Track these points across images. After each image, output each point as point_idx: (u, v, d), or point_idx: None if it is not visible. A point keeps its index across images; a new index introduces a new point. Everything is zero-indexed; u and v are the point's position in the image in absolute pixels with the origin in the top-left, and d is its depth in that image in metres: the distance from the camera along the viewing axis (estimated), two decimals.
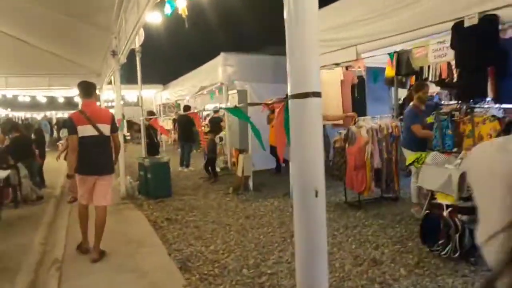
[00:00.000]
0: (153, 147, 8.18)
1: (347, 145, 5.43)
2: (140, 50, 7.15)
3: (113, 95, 17.00)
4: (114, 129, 4.26)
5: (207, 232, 4.90)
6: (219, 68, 9.44)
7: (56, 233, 5.29)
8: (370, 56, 4.95)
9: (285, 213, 5.61)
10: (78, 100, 14.84)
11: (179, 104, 16.48)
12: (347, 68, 6.89)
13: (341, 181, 5.73)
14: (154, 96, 17.95)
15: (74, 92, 14.57)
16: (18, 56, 10.30)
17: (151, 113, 10.74)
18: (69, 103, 17.18)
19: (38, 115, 31.37)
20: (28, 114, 34.29)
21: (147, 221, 5.50)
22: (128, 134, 7.82)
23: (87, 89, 4.21)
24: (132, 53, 7.52)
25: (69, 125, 4.09)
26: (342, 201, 6.00)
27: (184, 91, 12.93)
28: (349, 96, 6.79)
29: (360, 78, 7.03)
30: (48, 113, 31.04)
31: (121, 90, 13.53)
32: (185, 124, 9.38)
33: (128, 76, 16.30)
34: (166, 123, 18.95)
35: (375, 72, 7.55)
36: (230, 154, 9.76)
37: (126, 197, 6.95)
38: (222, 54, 9.33)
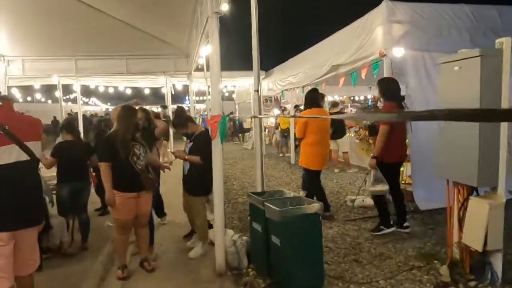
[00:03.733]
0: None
1: None
2: None
3: (203, 87, 14.22)
4: None
5: None
6: (378, 29, 5.49)
7: None
8: None
9: None
10: (165, 91, 12.27)
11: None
12: None
13: None
14: (251, 86, 14.68)
15: (160, 82, 12.03)
16: (88, 29, 7.69)
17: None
18: (155, 95, 14.95)
19: None
20: None
21: None
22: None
23: None
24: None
25: None
26: None
27: (298, 76, 9.23)
28: None
29: None
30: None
31: (209, 79, 10.56)
32: None
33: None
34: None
35: None
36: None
37: (226, 271, 3.48)
38: (385, 3, 5.35)
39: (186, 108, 16.90)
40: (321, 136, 5.16)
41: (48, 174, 4.86)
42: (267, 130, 16.01)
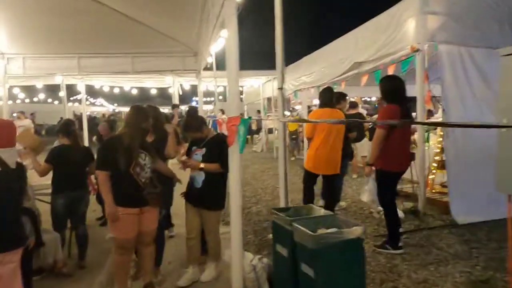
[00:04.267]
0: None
1: None
2: None
3: (212, 87, 13.69)
4: None
5: None
6: (410, 21, 4.95)
7: None
8: None
9: None
10: (172, 91, 11.82)
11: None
12: None
13: None
14: (262, 86, 14.15)
15: (167, 81, 11.56)
16: (92, 25, 7.22)
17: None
18: (162, 95, 14.45)
19: None
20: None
21: None
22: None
23: None
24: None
25: None
26: None
27: (313, 75, 8.70)
28: None
29: None
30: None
31: (218, 78, 9.93)
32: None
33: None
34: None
35: None
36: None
37: None
38: None
39: None
40: (328, 138, 4.70)
41: (43, 182, 4.38)
42: (276, 131, 15.49)
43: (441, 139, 5.53)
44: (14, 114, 16.01)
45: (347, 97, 5.71)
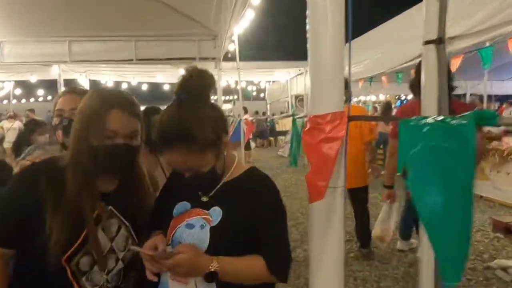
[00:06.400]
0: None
1: None
2: None
3: (232, 82, 11.92)
4: None
5: None
6: None
7: None
8: None
9: None
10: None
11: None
12: None
13: None
14: (289, 82, 12.30)
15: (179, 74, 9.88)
16: (84, 1, 5.62)
17: None
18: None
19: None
20: None
21: None
22: None
23: None
24: None
25: None
26: None
27: (364, 65, 6.77)
28: None
29: None
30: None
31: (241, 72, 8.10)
32: None
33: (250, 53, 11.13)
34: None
35: None
36: None
37: None
38: None
39: None
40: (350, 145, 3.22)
41: None
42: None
43: None
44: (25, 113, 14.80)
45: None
